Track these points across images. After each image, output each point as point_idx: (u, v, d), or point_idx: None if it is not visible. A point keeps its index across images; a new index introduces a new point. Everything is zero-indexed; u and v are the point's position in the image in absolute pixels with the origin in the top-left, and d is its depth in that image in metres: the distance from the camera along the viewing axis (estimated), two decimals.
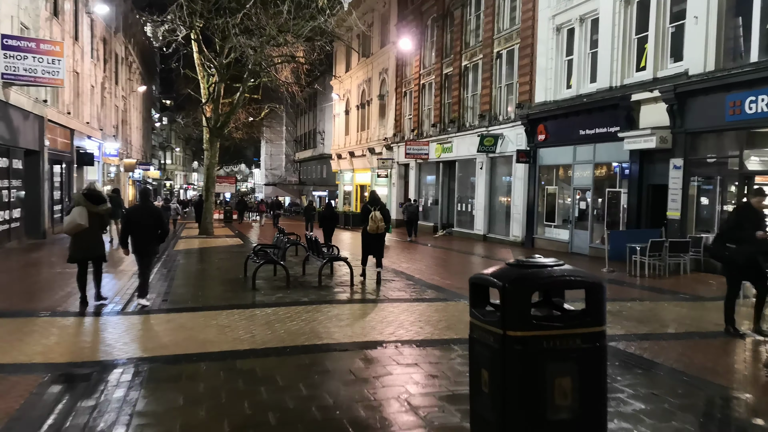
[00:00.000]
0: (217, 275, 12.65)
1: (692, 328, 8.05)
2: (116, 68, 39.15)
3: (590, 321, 3.14)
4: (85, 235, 8.55)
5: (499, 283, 3.10)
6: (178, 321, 7.81)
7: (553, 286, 3.28)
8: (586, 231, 18.87)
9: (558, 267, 3.19)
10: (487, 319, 3.22)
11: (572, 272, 3.21)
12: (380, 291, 10.46)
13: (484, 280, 3.31)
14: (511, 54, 23.55)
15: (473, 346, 3.36)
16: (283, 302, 9.15)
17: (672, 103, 14.96)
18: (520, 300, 3.03)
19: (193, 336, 6.87)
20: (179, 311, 8.56)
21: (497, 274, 3.21)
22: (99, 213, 8.68)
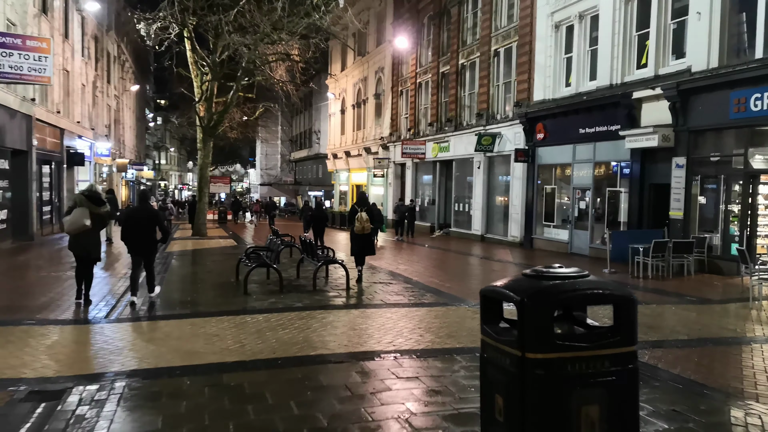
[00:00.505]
0: (208, 279, 12.23)
1: (705, 333, 7.68)
2: (108, 67, 38.64)
3: (620, 340, 2.75)
4: (84, 236, 8.68)
5: (517, 297, 2.71)
6: (164, 329, 7.40)
7: (578, 301, 2.89)
8: (586, 231, 18.52)
9: (582, 279, 2.81)
10: (502, 338, 2.84)
11: (599, 285, 2.82)
12: (378, 295, 10.07)
13: (498, 293, 2.92)
14: (509, 52, 23.18)
15: (485, 367, 2.98)
16: (276, 308, 8.74)
17: (674, 100, 14.61)
18: (541, 318, 2.65)
19: (179, 346, 6.45)
20: (166, 318, 8.14)
21: (514, 287, 2.82)
22: (99, 214, 8.81)
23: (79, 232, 8.62)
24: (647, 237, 14.03)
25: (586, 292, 2.76)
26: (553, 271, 2.85)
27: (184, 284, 11.31)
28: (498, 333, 2.90)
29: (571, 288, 2.75)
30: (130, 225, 9.19)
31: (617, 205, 17.30)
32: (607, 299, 2.82)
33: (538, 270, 2.90)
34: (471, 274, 14.57)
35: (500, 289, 2.89)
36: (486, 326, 3.00)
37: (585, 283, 2.79)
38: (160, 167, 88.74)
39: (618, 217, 17.25)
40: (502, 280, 3.03)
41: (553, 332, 2.67)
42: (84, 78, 30.01)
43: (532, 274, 2.88)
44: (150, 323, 7.79)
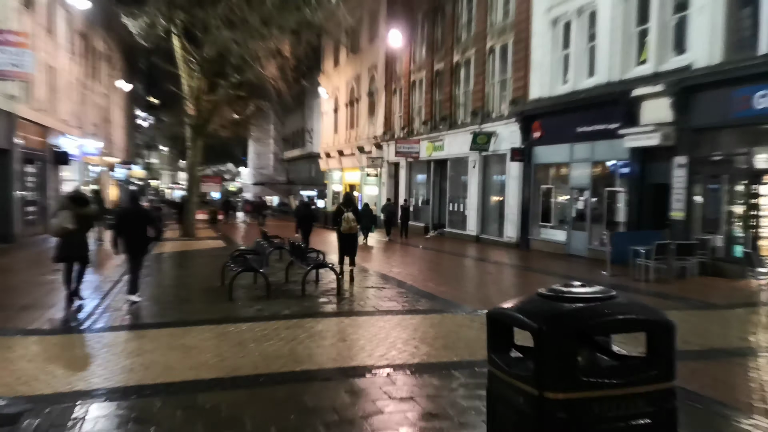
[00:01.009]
0: (192, 283, 11.71)
1: (718, 343, 7.24)
2: (96, 64, 37.95)
3: (657, 375, 2.29)
4: (71, 237, 8.80)
5: (533, 324, 2.25)
6: (139, 341, 6.88)
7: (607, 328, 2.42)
8: (584, 232, 18.09)
9: (610, 301, 2.34)
10: (514, 371, 2.36)
11: (631, 309, 2.36)
12: (370, 301, 9.58)
13: (508, 317, 2.45)
14: (505, 49, 22.73)
15: (494, 405, 2.51)
16: (261, 316, 8.24)
17: (676, 98, 14.19)
18: (563, 349, 2.18)
19: (153, 361, 5.94)
20: (143, 328, 7.63)
21: (528, 311, 2.35)
22: (84, 215, 8.96)
23: (65, 235, 8.74)
24: (648, 238, 13.60)
25: (616, 318, 2.29)
26: (576, 292, 2.38)
27: (165, 289, 10.78)
28: (509, 365, 2.43)
29: (598, 313, 2.28)
30: (122, 225, 9.31)
31: (616, 206, 16.87)
32: (642, 325, 2.35)
33: (556, 290, 2.42)
34: (466, 277, 14.11)
35: (512, 313, 2.42)
36: (494, 355, 2.52)
37: (614, 307, 2.32)
38: (152, 166, 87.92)
39: (617, 217, 16.82)
40: (512, 300, 2.56)
41: (578, 367, 2.20)
42: (70, 75, 29.36)
43: (549, 295, 2.40)
44: (124, 333, 7.27)
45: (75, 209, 8.86)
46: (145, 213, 9.83)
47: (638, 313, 2.35)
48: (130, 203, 10.07)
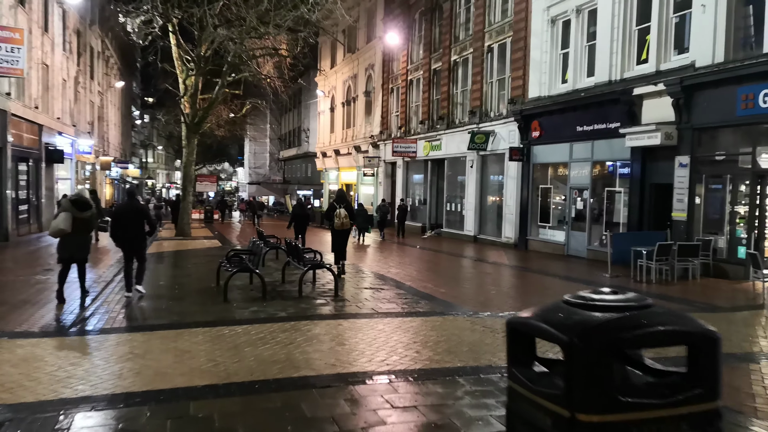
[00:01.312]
0: (186, 283, 11.45)
1: (726, 347, 7.00)
2: (92, 62, 37.61)
3: (701, 394, 2.05)
4: (72, 239, 9.07)
5: (564, 337, 2.01)
6: (130, 344, 6.62)
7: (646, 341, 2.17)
8: (583, 233, 17.89)
9: (646, 309, 2.10)
10: (540, 389, 2.12)
11: (671, 319, 2.13)
12: (368, 303, 9.34)
13: (532, 327, 2.21)
14: (503, 48, 22.53)
15: (515, 425, 2.27)
16: (257, 318, 7.99)
17: (678, 96, 14.00)
18: (598, 366, 1.95)
19: (144, 366, 5.69)
20: (135, 330, 7.38)
21: (555, 321, 2.11)
22: (84, 218, 9.17)
23: (65, 236, 9.01)
24: (649, 239, 13.42)
25: (657, 330, 2.04)
26: (608, 300, 2.14)
27: (159, 290, 10.51)
28: (533, 380, 2.19)
29: (635, 324, 2.03)
30: (119, 222, 9.65)
31: (616, 206, 16.68)
32: (684, 338, 2.11)
33: (585, 297, 2.18)
34: (465, 278, 13.87)
35: (536, 323, 2.18)
36: (515, 369, 2.28)
37: (652, 317, 2.08)
38: (147, 165, 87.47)
39: (617, 218, 16.63)
40: (534, 308, 2.32)
41: (615, 385, 1.97)
42: (65, 73, 29.03)
43: (577, 303, 2.16)
44: (115, 336, 7.01)
45: (75, 212, 9.08)
46: (141, 209, 10.12)
47: (679, 323, 2.11)
48: (127, 199, 10.41)
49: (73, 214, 9.04)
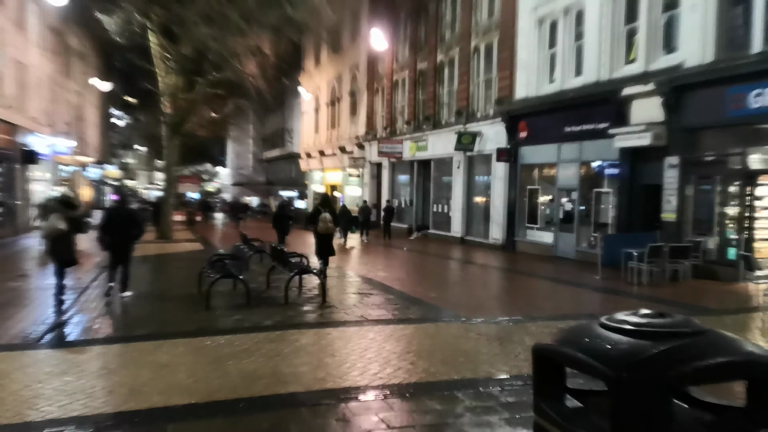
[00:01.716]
0: (168, 289, 11.05)
1: None
2: (69, 61, 36.86)
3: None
4: (59, 240, 8.99)
5: (610, 372, 1.70)
6: (104, 358, 6.24)
7: (707, 375, 1.85)
8: (571, 234, 17.71)
9: (702, 336, 1.80)
10: (576, 428, 1.82)
11: (731, 347, 1.82)
12: (357, 309, 9.03)
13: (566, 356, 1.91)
14: (490, 48, 22.33)
15: None
16: (241, 327, 7.64)
17: (668, 97, 13.86)
18: (651, 404, 1.64)
19: (118, 383, 5.33)
20: (111, 342, 7.00)
21: (597, 351, 1.80)
22: (72, 218, 9.13)
23: (55, 237, 8.94)
24: (640, 240, 13.27)
25: (718, 362, 1.74)
26: (656, 324, 1.84)
27: (137, 297, 10.10)
28: (566, 418, 1.88)
29: (693, 354, 1.73)
30: (110, 225, 9.63)
31: (605, 207, 16.52)
32: (747, 370, 1.81)
33: (628, 321, 1.87)
34: (455, 280, 13.61)
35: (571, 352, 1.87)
36: (543, 403, 1.98)
37: (710, 346, 1.77)
38: (128, 167, 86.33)
39: (606, 219, 16.46)
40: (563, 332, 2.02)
41: (670, 426, 1.67)
42: (41, 71, 28.37)
43: (619, 328, 1.86)
44: (89, 349, 6.62)
45: (65, 212, 9.07)
46: (132, 214, 10.19)
47: (742, 353, 1.82)
48: (119, 203, 10.53)
49: (63, 214, 9.03)
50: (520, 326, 7.89)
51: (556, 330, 7.21)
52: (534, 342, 6.39)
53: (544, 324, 8.01)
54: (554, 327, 7.78)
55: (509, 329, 7.64)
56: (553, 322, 8.14)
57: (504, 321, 8.22)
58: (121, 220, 9.72)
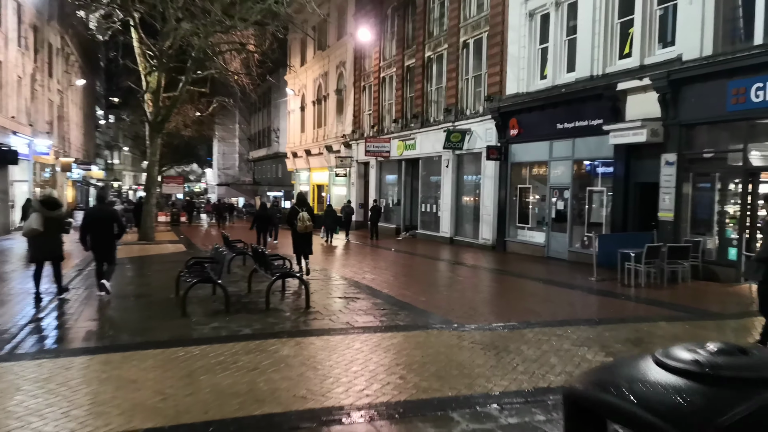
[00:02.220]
0: (143, 294, 10.45)
1: None
2: (50, 59, 35.97)
3: None
4: (43, 238, 9.12)
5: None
6: (64, 373, 5.63)
7: None
8: (564, 234, 17.27)
9: None
10: None
11: None
12: (343, 315, 8.48)
13: (613, 408, 1.36)
14: (479, 43, 21.86)
15: None
16: (218, 336, 7.06)
17: (664, 91, 13.43)
18: None
19: (76, 403, 4.74)
20: (74, 354, 6.39)
21: (662, 406, 1.26)
22: (54, 218, 9.26)
23: (38, 236, 9.05)
24: (636, 240, 12.85)
25: None
26: (741, 364, 1.31)
27: (110, 302, 9.51)
28: None
29: None
30: (90, 225, 9.81)
31: (599, 206, 16.09)
32: None
33: (700, 361, 1.35)
34: (446, 283, 13.07)
35: (619, 403, 1.31)
36: None
37: None
38: (113, 167, 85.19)
39: (599, 218, 16.04)
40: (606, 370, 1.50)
41: None
42: (20, 70, 27.54)
43: (690, 371, 1.34)
44: (49, 363, 6.00)
45: (46, 212, 9.16)
46: (112, 213, 10.28)
47: None
48: (98, 203, 10.76)
49: (43, 214, 9.10)
50: (516, 333, 7.39)
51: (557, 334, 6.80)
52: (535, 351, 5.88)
53: (541, 331, 7.52)
54: (552, 334, 7.30)
55: (505, 337, 7.14)
56: (551, 329, 7.66)
57: (499, 327, 7.72)
58: (102, 220, 9.83)
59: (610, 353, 6.45)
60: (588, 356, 6.30)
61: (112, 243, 9.92)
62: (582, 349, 6.62)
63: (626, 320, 8.56)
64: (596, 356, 6.32)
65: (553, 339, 7.06)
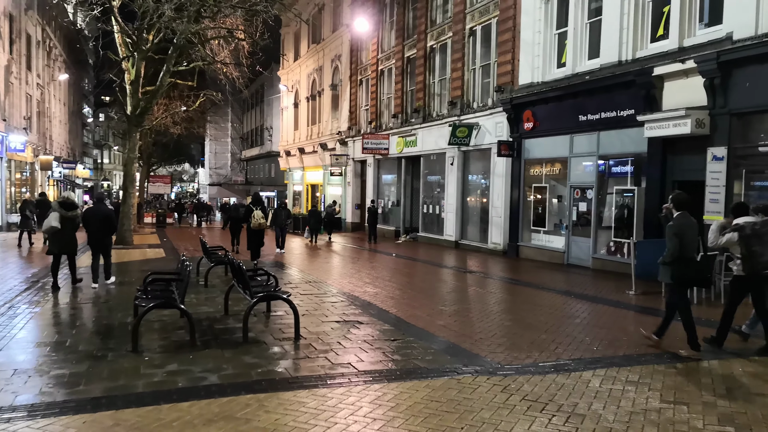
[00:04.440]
0: (95, 316, 8.51)
1: None
2: (29, 51, 33.92)
3: None
4: (61, 235, 10.34)
5: None
6: None
7: None
8: (587, 239, 15.42)
9: None
10: None
11: None
12: (342, 352, 6.55)
13: None
14: (488, 29, 20.02)
15: None
16: (171, 390, 5.10)
17: (712, 76, 11.59)
18: None
19: None
20: None
21: None
22: (70, 217, 10.43)
23: (56, 233, 10.28)
24: None
25: None
26: None
27: (53, 327, 7.59)
28: None
29: None
30: (89, 223, 10.85)
31: (629, 208, 14.20)
32: None
33: None
34: (461, 298, 11.10)
35: None
36: None
37: None
38: (102, 166, 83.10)
39: (629, 221, 14.14)
40: None
41: None
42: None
43: None
44: None
45: (63, 212, 10.33)
46: (109, 214, 11.26)
47: None
48: (96, 203, 11.90)
49: (61, 214, 10.28)
50: (575, 379, 5.53)
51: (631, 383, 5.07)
52: (617, 412, 3.88)
53: (607, 375, 5.67)
54: (625, 380, 5.44)
55: (563, 387, 5.27)
56: (619, 371, 5.80)
57: (548, 369, 5.86)
58: (99, 219, 10.84)
59: (727, 418, 4.59)
60: (698, 425, 4.43)
61: (109, 239, 11.19)
62: (683, 410, 4.74)
63: (721, 355, 6.66)
64: (715, 427, 4.45)
65: (630, 389, 5.21)
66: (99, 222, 10.77)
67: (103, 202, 11.73)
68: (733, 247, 7.09)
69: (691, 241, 6.89)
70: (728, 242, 7.11)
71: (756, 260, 6.73)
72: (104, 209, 11.25)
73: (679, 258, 6.76)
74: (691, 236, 6.90)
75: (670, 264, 6.86)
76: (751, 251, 6.76)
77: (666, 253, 6.97)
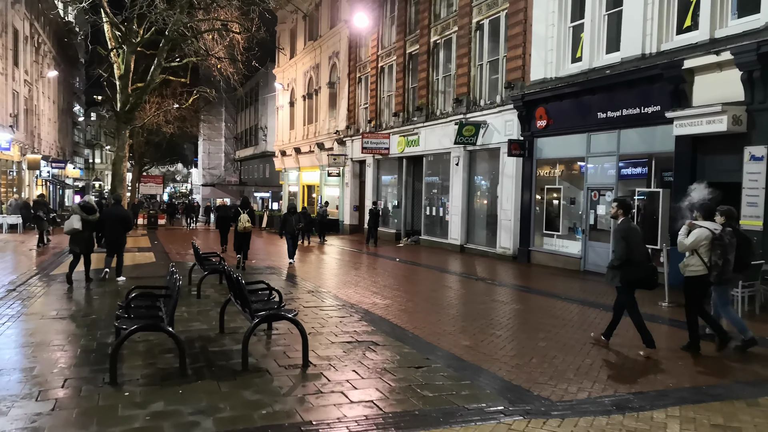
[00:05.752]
0: (72, 334, 7.46)
1: None
2: (15, 46, 32.75)
3: None
4: (81, 236, 11.31)
5: None
6: None
7: None
8: (606, 244, 14.45)
9: None
10: None
11: None
12: (353, 385, 5.53)
13: None
14: (496, 23, 19.07)
15: None
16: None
17: (752, 68, 10.66)
18: None
19: None
20: None
21: None
22: (90, 220, 11.39)
23: (77, 234, 11.20)
24: None
25: None
26: None
27: (15, 353, 6.55)
28: None
29: None
30: (105, 223, 11.73)
31: (654, 211, 13.26)
32: None
33: None
34: (482, 312, 9.94)
35: None
36: None
37: None
38: (94, 166, 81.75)
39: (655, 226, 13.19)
40: None
41: None
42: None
43: None
44: None
45: (84, 215, 11.22)
46: (125, 215, 12.33)
47: None
48: (114, 205, 12.77)
49: (82, 217, 11.18)
50: (647, 421, 4.55)
51: None
52: None
53: (683, 415, 4.69)
54: (703, 422, 4.45)
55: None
56: (693, 408, 4.83)
57: (609, 408, 4.87)
58: (115, 220, 11.79)
59: None
60: None
61: (123, 239, 12.05)
62: None
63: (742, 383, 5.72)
64: None
65: None
66: (116, 222, 11.75)
67: (120, 204, 12.92)
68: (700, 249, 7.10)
69: (636, 244, 7.06)
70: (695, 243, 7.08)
71: (726, 268, 6.93)
72: (121, 210, 12.48)
73: (627, 261, 6.93)
74: (636, 239, 7.08)
75: (618, 267, 7.01)
76: (726, 259, 6.92)
77: (614, 257, 7.19)
